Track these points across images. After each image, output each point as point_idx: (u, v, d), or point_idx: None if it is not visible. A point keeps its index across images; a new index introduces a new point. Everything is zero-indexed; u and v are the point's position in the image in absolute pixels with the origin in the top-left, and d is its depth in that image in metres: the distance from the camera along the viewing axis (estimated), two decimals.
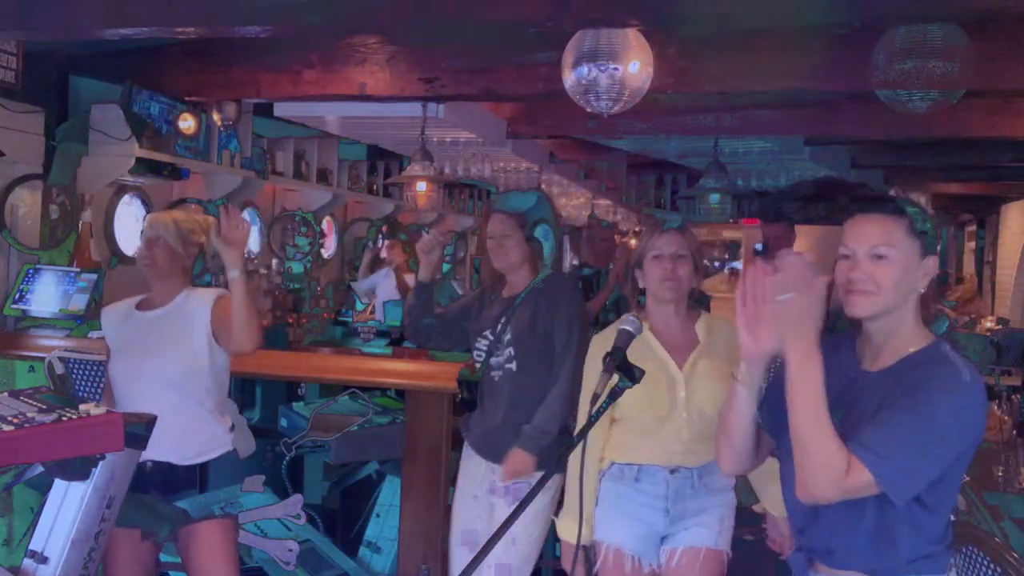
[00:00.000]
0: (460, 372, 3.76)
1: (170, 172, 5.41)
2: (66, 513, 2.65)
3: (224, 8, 3.21)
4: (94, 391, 3.84)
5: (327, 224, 8.30)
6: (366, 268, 7.87)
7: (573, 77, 3.37)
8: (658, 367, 2.69)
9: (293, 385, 4.79)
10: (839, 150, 7.90)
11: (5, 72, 4.37)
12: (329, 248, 8.35)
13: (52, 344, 4.18)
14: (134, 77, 4.92)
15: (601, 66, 3.30)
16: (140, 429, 2.69)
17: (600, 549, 2.76)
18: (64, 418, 2.45)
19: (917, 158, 8.03)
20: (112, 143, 4.98)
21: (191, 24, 3.28)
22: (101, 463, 2.60)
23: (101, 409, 2.54)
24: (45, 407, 2.54)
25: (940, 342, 1.92)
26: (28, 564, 2.64)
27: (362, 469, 4.57)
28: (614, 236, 6.66)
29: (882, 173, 9.11)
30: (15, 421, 2.41)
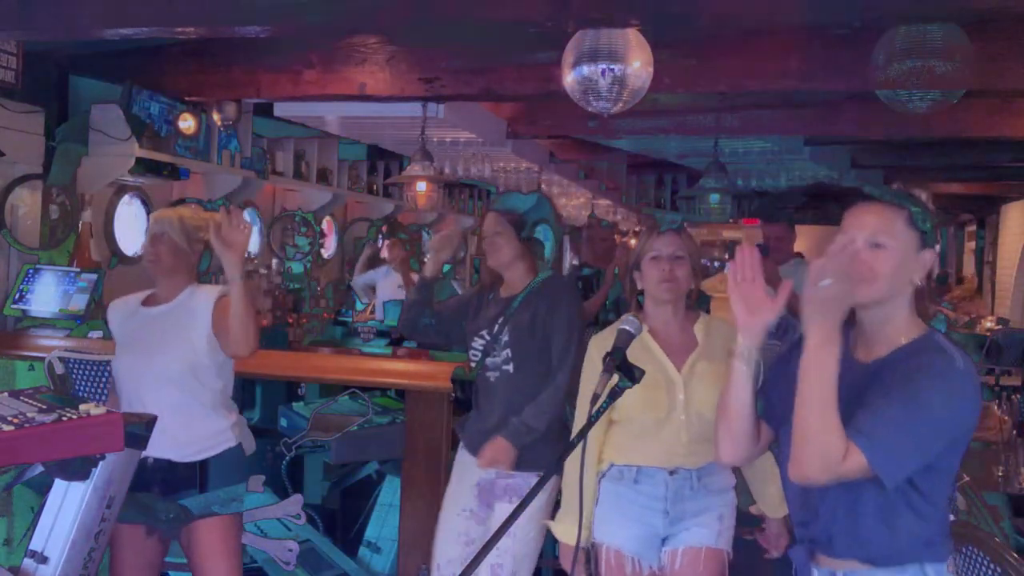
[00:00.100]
0: (454, 371, 3.76)
1: (170, 172, 5.41)
2: (66, 513, 2.65)
3: (224, 8, 3.21)
4: (94, 391, 3.83)
5: (327, 224, 8.30)
6: (363, 264, 7.86)
7: (573, 77, 3.37)
8: (657, 369, 2.69)
9: (293, 385, 4.78)
10: (839, 150, 7.90)
11: (5, 72, 4.37)
12: (329, 248, 8.35)
13: (52, 344, 4.17)
14: (134, 77, 4.92)
15: (601, 66, 3.30)
16: (140, 429, 2.69)
17: (600, 551, 2.76)
18: (64, 418, 2.45)
19: (917, 158, 8.03)
20: (112, 143, 4.98)
21: (191, 24, 3.28)
22: (101, 463, 2.60)
23: (101, 409, 2.54)
24: (45, 407, 2.54)
25: (934, 332, 1.94)
26: (28, 564, 2.65)
27: (362, 469, 4.57)
28: (614, 236, 6.66)
29: (882, 173, 9.10)
30: (15, 421, 2.42)
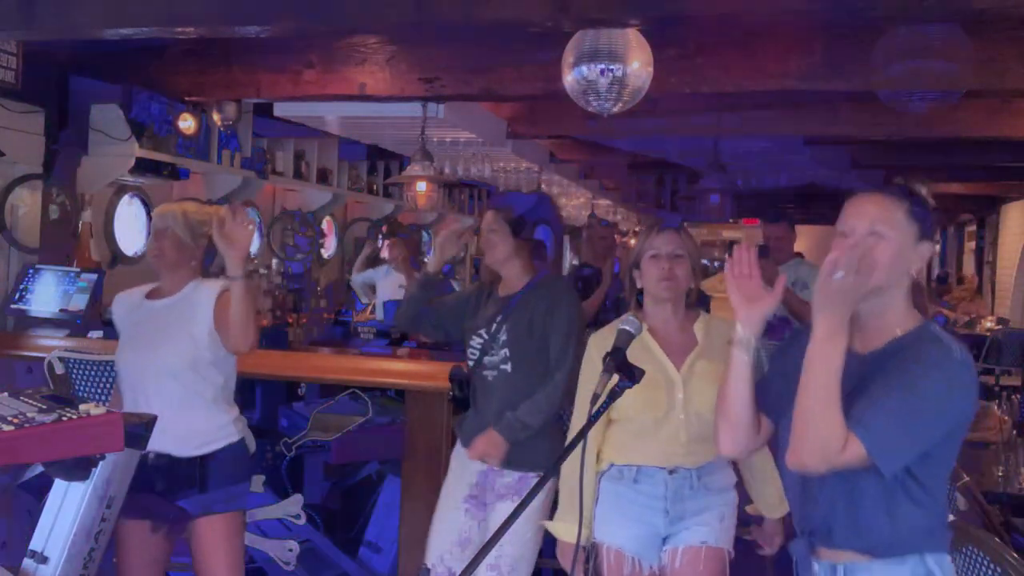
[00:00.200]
0: (451, 370, 3.76)
1: (170, 172, 5.42)
2: (66, 513, 2.64)
3: (224, 8, 3.21)
4: (94, 391, 3.83)
5: (327, 224, 8.30)
6: (362, 263, 7.85)
7: (573, 77, 3.37)
8: (656, 369, 2.68)
9: (293, 385, 4.78)
10: (839, 150, 7.90)
11: (5, 72, 4.37)
12: (329, 248, 8.35)
13: (52, 344, 4.18)
14: (134, 77, 4.92)
15: (601, 66, 3.30)
16: (140, 429, 2.69)
17: (601, 551, 2.76)
18: (64, 418, 2.45)
19: (917, 158, 8.03)
20: (112, 143, 4.99)
21: (191, 24, 3.28)
22: (101, 463, 2.60)
23: (101, 409, 2.53)
24: (45, 407, 2.53)
25: (929, 323, 1.94)
26: (28, 564, 2.64)
27: (362, 469, 4.57)
28: (614, 234, 6.66)
29: (882, 173, 9.10)
30: (15, 421, 2.41)
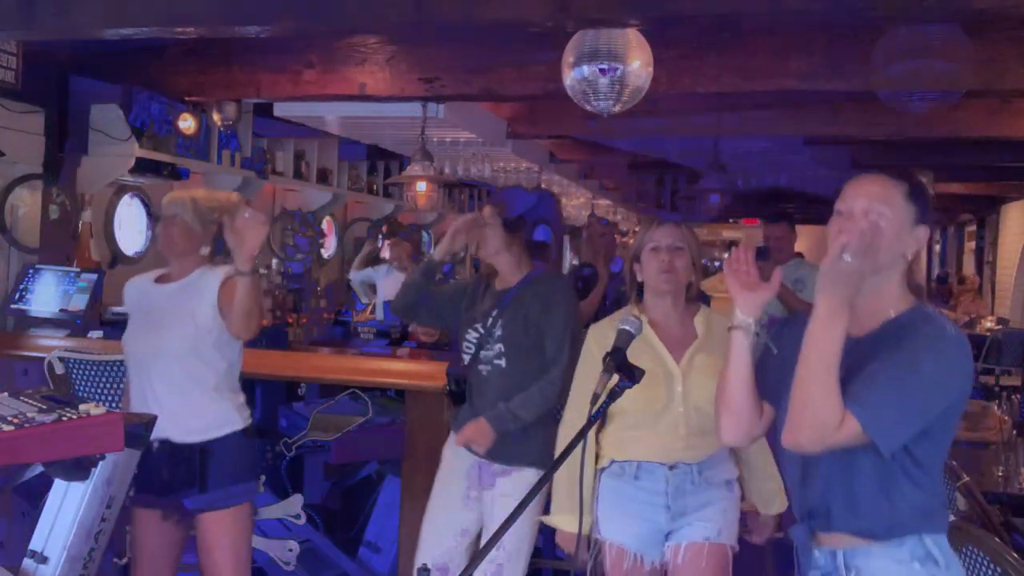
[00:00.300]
0: (449, 366, 3.75)
1: (170, 172, 5.42)
2: (66, 513, 2.64)
3: (224, 8, 3.21)
4: (94, 391, 3.83)
5: (327, 224, 8.30)
6: (361, 261, 7.84)
7: (573, 77, 3.37)
8: (655, 362, 2.68)
9: (293, 385, 4.78)
10: (839, 150, 7.90)
11: (5, 72, 4.37)
12: (329, 248, 8.36)
13: (52, 344, 4.18)
14: (134, 77, 4.92)
15: (601, 66, 3.30)
16: (140, 429, 2.69)
17: (603, 548, 2.75)
18: (64, 418, 2.45)
19: (917, 158, 8.03)
20: (112, 143, 4.99)
21: (191, 24, 3.28)
22: (101, 463, 2.60)
23: (101, 409, 2.53)
24: (45, 407, 2.53)
25: (922, 304, 1.94)
26: (28, 564, 2.65)
27: (362, 469, 4.57)
28: (613, 232, 6.65)
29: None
30: (15, 421, 2.41)
